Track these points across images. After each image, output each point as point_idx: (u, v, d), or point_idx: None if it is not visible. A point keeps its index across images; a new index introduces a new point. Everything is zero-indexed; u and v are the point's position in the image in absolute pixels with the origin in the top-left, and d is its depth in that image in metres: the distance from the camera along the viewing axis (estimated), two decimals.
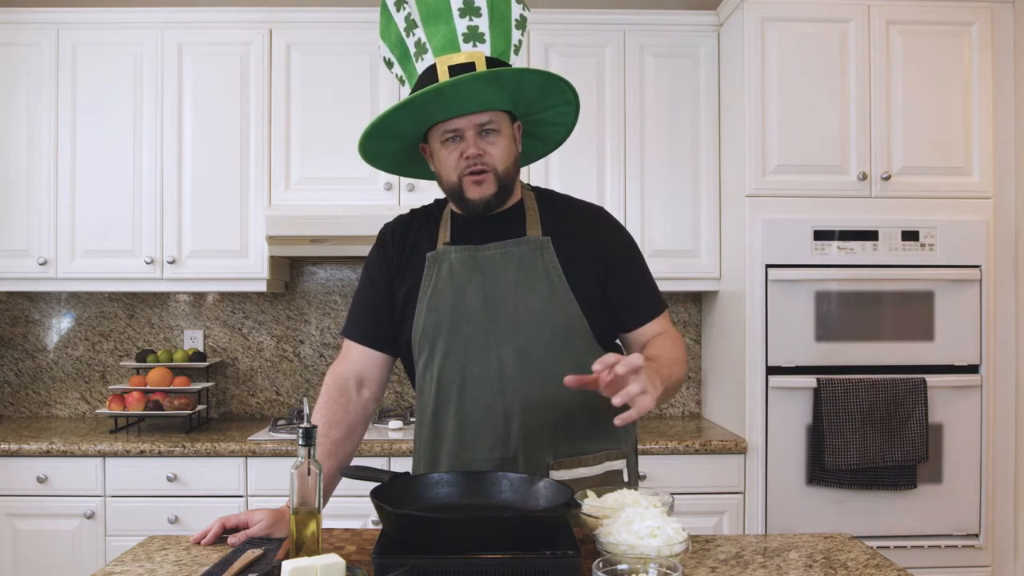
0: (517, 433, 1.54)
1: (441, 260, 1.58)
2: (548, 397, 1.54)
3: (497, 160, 1.54)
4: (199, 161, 3.01)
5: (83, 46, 3.01)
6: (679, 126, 3.06)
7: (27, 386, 3.36)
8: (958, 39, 2.82)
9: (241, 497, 2.72)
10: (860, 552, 1.49)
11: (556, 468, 1.56)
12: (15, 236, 3.00)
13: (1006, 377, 2.81)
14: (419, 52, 1.52)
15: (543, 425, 1.55)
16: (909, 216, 2.78)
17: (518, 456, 1.54)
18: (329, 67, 3.02)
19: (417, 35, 1.51)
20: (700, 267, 3.06)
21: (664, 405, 3.39)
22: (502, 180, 1.55)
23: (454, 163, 1.54)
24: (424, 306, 1.57)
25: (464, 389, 1.55)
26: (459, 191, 1.55)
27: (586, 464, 1.59)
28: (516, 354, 1.53)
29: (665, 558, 1.20)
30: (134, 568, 1.39)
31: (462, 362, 1.55)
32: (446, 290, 1.56)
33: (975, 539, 2.76)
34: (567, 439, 1.58)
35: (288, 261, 3.32)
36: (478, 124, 1.52)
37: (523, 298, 1.54)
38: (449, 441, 1.58)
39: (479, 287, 1.55)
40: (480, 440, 1.55)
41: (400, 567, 1.15)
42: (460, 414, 1.56)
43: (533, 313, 1.54)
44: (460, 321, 1.55)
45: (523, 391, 1.54)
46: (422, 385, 1.62)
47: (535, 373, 1.54)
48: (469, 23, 1.48)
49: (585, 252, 1.59)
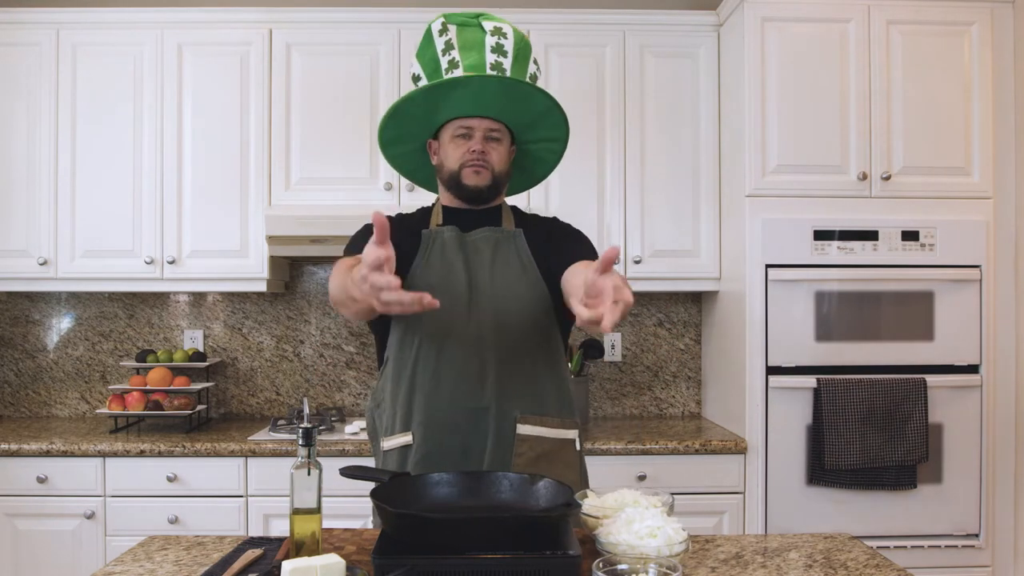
0: (491, 386, 1.71)
1: (435, 237, 1.80)
2: (518, 357, 1.75)
3: (496, 162, 1.80)
4: (199, 161, 3.01)
5: (83, 46, 3.01)
6: (679, 126, 3.06)
7: (27, 386, 3.36)
8: (958, 39, 2.82)
9: (241, 497, 2.72)
10: (860, 552, 1.49)
11: (522, 422, 1.72)
12: (15, 236, 3.00)
13: (1006, 377, 2.81)
14: (451, 67, 1.76)
15: (513, 381, 1.74)
16: (909, 216, 2.78)
17: (491, 407, 1.70)
18: (329, 67, 3.02)
19: (452, 55, 1.76)
20: (700, 267, 3.07)
21: (664, 405, 3.39)
22: (496, 178, 1.80)
23: (460, 155, 1.78)
24: (418, 272, 1.75)
25: (444, 347, 1.72)
26: (458, 178, 1.78)
27: (547, 425, 1.75)
28: (492, 317, 1.73)
29: (665, 558, 1.21)
30: (134, 568, 1.39)
31: (446, 321, 1.71)
32: (437, 262, 1.77)
33: (975, 539, 2.76)
34: (532, 398, 1.75)
35: (288, 261, 3.32)
36: (487, 128, 1.78)
37: (498, 273, 1.77)
38: (426, 394, 1.72)
39: (464, 262, 1.77)
40: (457, 391, 1.71)
41: (400, 567, 1.15)
42: (441, 367, 1.72)
43: (507, 286, 1.76)
44: (447, 287, 1.73)
45: (497, 351, 1.72)
46: (403, 342, 1.76)
47: (507, 335, 1.74)
48: (496, 59, 1.74)
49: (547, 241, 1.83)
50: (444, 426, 1.70)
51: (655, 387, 3.40)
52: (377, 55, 3.02)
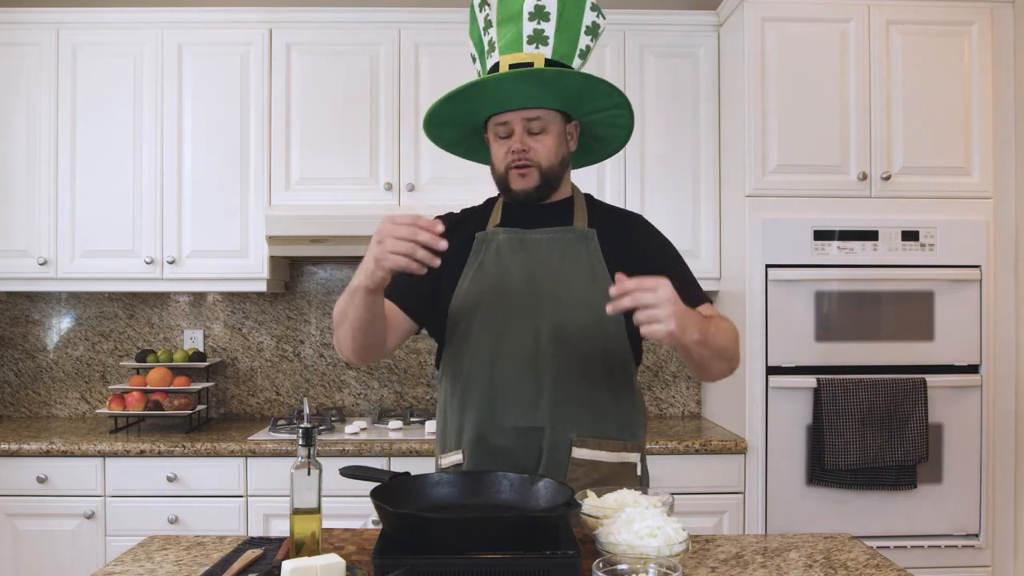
0: (547, 404, 1.58)
1: (489, 240, 1.65)
2: (578, 374, 1.60)
3: (542, 156, 1.61)
4: (199, 161, 3.01)
5: (83, 46, 3.01)
6: (679, 126, 3.06)
7: (27, 386, 3.36)
8: (958, 39, 2.82)
9: (241, 497, 2.72)
10: (860, 552, 1.49)
11: (579, 445, 1.60)
12: (15, 236, 3.00)
13: (1006, 377, 2.80)
14: (489, 50, 1.62)
15: (571, 400, 1.60)
16: (909, 216, 2.78)
17: (545, 427, 1.58)
18: (329, 67, 3.02)
19: (491, 35, 1.62)
20: (700, 267, 3.06)
21: (664, 405, 3.39)
22: (545, 175, 1.62)
23: (502, 156, 1.63)
24: (468, 280, 1.63)
25: (498, 359, 1.59)
26: (505, 181, 1.64)
27: (606, 448, 1.62)
28: (552, 329, 1.59)
29: (665, 558, 1.21)
30: (134, 568, 1.39)
31: (499, 332, 1.59)
32: (492, 266, 1.63)
33: (975, 539, 2.76)
34: (591, 419, 1.61)
35: (288, 261, 3.32)
36: (525, 120, 1.60)
37: (563, 279, 1.61)
38: (479, 410, 1.60)
39: (523, 265, 1.62)
40: (510, 409, 1.59)
41: (400, 567, 1.15)
42: (493, 383, 1.59)
43: (572, 293, 1.60)
44: (501, 294, 1.60)
45: (556, 365, 1.58)
46: (457, 354, 1.63)
47: (568, 350, 1.59)
48: (536, 26, 1.56)
49: (626, 250, 1.66)
50: (494, 446, 1.59)
51: (655, 387, 3.40)
52: (377, 55, 3.02)
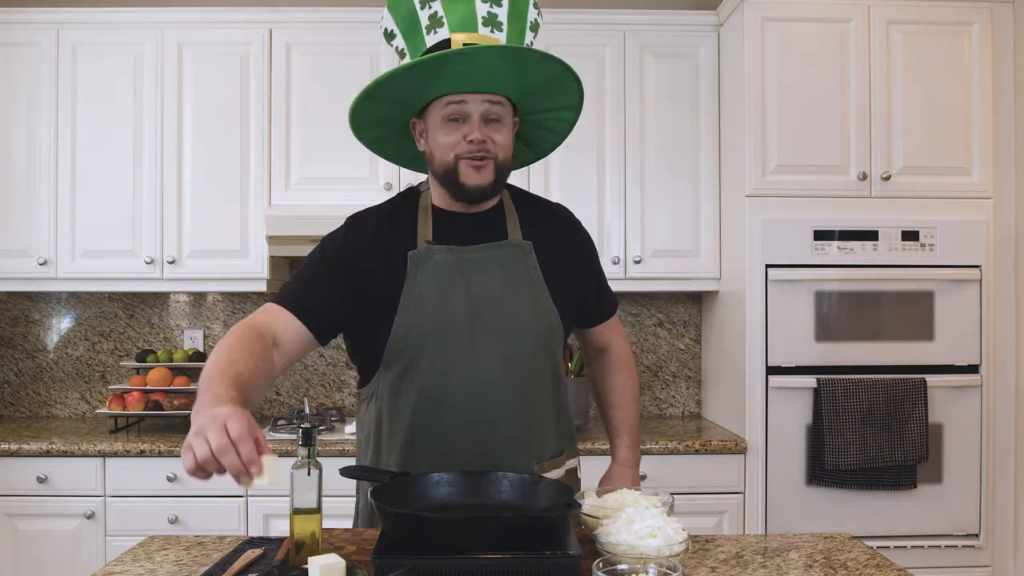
0: (503, 443, 1.50)
1: (424, 260, 1.49)
2: (529, 404, 1.53)
3: (500, 148, 1.48)
4: (199, 161, 3.01)
5: (83, 46, 3.01)
6: (679, 126, 3.06)
7: (27, 386, 3.36)
8: (958, 39, 2.82)
9: (241, 497, 2.72)
10: (860, 552, 1.49)
11: (540, 470, 1.55)
12: (15, 236, 3.00)
13: (1006, 377, 2.80)
14: (433, 25, 1.44)
15: (526, 432, 1.53)
16: (909, 216, 2.78)
17: (503, 467, 1.47)
18: (329, 67, 3.01)
19: (434, 8, 1.45)
20: (700, 267, 3.06)
21: (664, 405, 3.39)
22: (500, 170, 1.49)
23: (453, 143, 1.46)
24: (409, 311, 1.48)
25: (447, 398, 1.48)
26: (454, 174, 1.47)
27: (559, 465, 1.62)
28: (502, 363, 1.49)
29: (665, 558, 1.20)
30: (134, 568, 1.39)
31: (447, 371, 1.48)
32: (431, 295, 1.48)
33: (975, 539, 2.76)
34: (544, 444, 1.58)
35: (288, 261, 3.31)
36: (488, 103, 1.45)
37: (508, 306, 1.50)
38: (430, 452, 1.49)
39: (464, 292, 1.48)
40: (464, 451, 1.49)
41: (400, 567, 1.15)
42: (443, 424, 1.49)
43: (518, 321, 1.50)
44: (446, 328, 1.47)
45: (507, 400, 1.50)
46: (396, 391, 1.51)
47: (519, 381, 1.51)
48: (490, 9, 1.43)
49: (560, 257, 1.60)
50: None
51: (655, 387, 3.40)
52: (377, 55, 3.02)
